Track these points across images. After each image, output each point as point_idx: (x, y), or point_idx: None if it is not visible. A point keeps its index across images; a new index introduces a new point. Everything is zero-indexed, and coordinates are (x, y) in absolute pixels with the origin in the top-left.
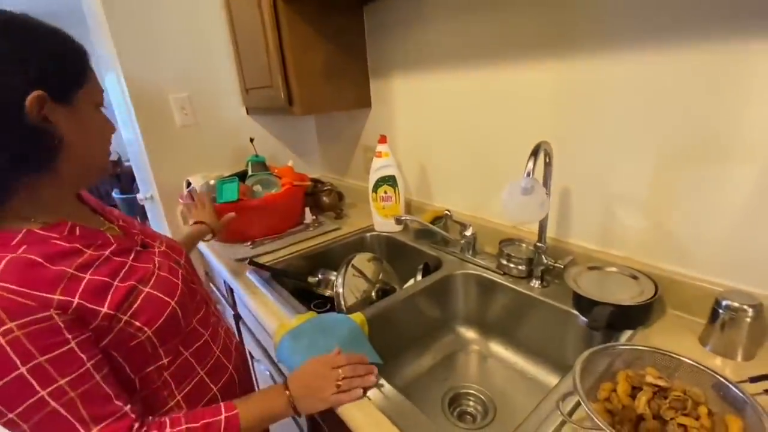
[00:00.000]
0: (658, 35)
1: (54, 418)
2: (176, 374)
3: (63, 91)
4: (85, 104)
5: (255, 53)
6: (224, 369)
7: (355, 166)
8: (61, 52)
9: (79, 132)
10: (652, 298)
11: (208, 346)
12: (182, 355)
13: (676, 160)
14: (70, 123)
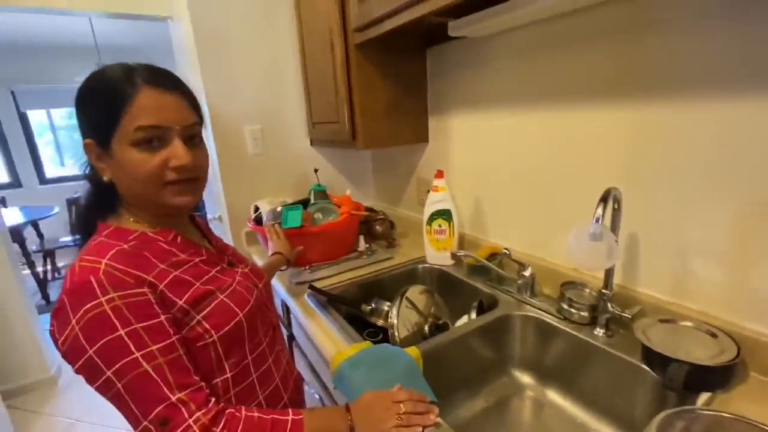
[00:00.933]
0: (741, 83)
1: (144, 379)
2: (240, 395)
3: (102, 138)
4: (120, 146)
5: (324, 91)
6: (280, 398)
7: (408, 197)
8: (94, 102)
9: (118, 172)
10: (735, 359)
11: (270, 372)
12: (248, 375)
13: (761, 212)
14: (113, 165)
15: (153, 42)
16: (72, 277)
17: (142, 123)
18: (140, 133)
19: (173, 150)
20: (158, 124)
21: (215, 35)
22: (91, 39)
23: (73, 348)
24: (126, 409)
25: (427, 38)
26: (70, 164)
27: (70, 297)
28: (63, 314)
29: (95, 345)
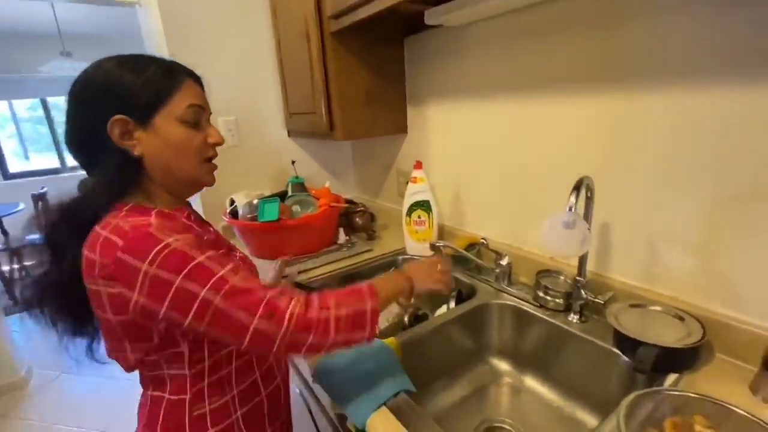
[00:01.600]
0: (712, 73)
1: (237, 290)
2: (240, 368)
3: (142, 116)
4: (166, 121)
5: (300, 81)
6: (273, 378)
7: (388, 188)
8: (140, 83)
9: (158, 145)
10: (701, 341)
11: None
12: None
13: (728, 200)
14: (150, 140)
15: (121, 29)
16: (126, 236)
17: (193, 102)
18: (191, 110)
19: (210, 130)
20: (202, 105)
21: (185, 22)
22: (54, 26)
23: (157, 286)
24: (227, 324)
25: (404, 27)
26: (35, 158)
27: (132, 250)
28: (128, 268)
29: (180, 273)
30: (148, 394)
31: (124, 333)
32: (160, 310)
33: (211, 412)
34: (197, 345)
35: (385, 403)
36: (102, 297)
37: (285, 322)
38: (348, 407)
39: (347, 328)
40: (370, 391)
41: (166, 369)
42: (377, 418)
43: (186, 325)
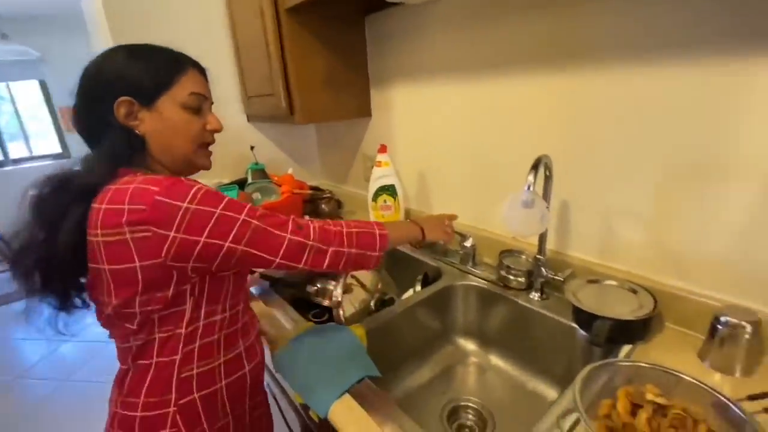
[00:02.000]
0: (661, 53)
1: (268, 214)
2: (227, 337)
3: (147, 98)
4: (169, 105)
5: (257, 62)
6: (255, 355)
7: (354, 174)
8: (148, 69)
9: (160, 127)
10: (652, 312)
11: (248, 328)
12: (238, 319)
13: (677, 176)
14: (153, 120)
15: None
16: (161, 183)
17: (195, 90)
18: (193, 97)
19: (210, 117)
20: (204, 94)
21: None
22: None
23: (198, 218)
24: (265, 239)
25: (364, 5)
26: None
27: (171, 193)
28: (167, 208)
29: (220, 204)
30: (135, 363)
31: (144, 280)
32: (199, 242)
33: (197, 376)
34: (198, 303)
35: (348, 390)
36: (127, 245)
37: (311, 233)
38: (309, 397)
39: (359, 245)
40: (333, 378)
41: (158, 333)
42: (340, 406)
43: (224, 250)
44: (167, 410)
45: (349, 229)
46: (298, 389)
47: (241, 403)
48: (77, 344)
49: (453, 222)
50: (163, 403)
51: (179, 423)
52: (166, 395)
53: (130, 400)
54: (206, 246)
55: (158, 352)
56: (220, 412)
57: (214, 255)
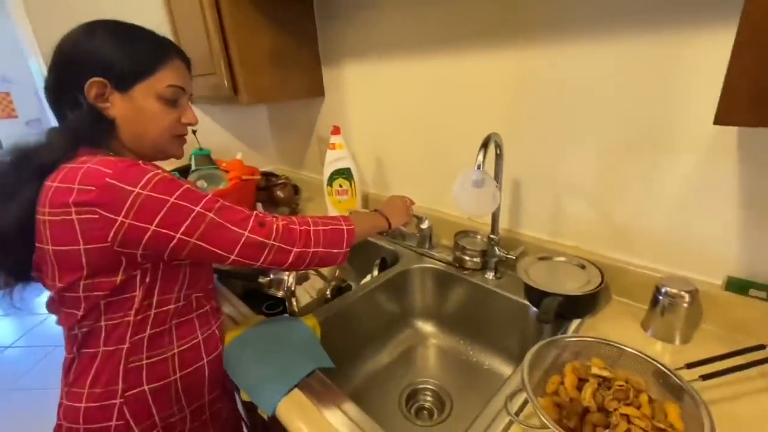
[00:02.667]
0: (605, 26)
1: (227, 207)
2: (181, 326)
3: (123, 82)
4: (144, 94)
5: (195, 37)
6: (216, 345)
7: (310, 157)
8: (127, 52)
9: (132, 114)
10: (598, 287)
11: (208, 317)
12: (195, 307)
13: (620, 151)
14: (126, 106)
15: None
16: (115, 166)
17: (174, 83)
18: (172, 89)
19: (185, 110)
20: (183, 87)
21: None
22: None
23: (149, 206)
24: (220, 234)
25: None
26: None
27: (123, 176)
28: (117, 192)
29: (175, 193)
30: (80, 352)
31: (89, 264)
32: (149, 228)
33: (147, 367)
34: (150, 291)
35: (297, 385)
36: (72, 225)
37: (274, 231)
38: (255, 394)
39: (326, 243)
40: (280, 374)
41: (104, 320)
42: (288, 402)
43: (174, 241)
44: (113, 401)
45: (315, 227)
46: (244, 387)
47: (199, 397)
48: (21, 350)
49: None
50: (109, 394)
51: (126, 415)
52: (111, 386)
53: (74, 390)
54: (156, 235)
55: (104, 340)
56: (174, 405)
57: (163, 245)
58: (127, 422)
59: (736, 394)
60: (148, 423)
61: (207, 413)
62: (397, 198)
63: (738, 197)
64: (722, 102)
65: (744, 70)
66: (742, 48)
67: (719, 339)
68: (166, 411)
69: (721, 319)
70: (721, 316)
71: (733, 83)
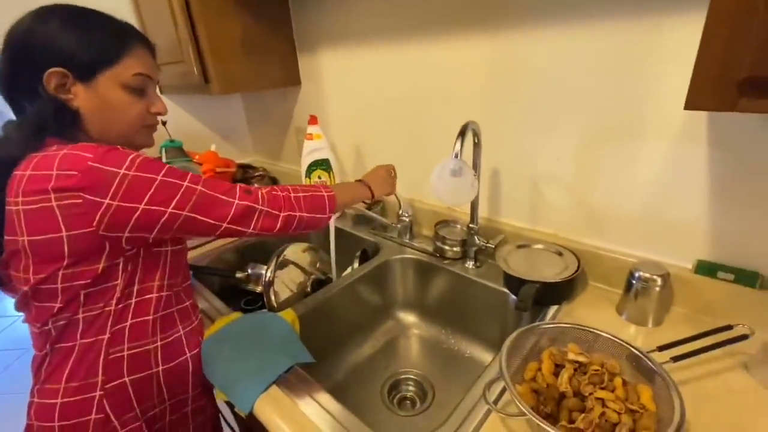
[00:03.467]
0: (578, 12)
1: (213, 179)
2: (164, 319)
3: (84, 72)
4: (109, 84)
5: (161, 23)
6: (198, 340)
7: (288, 149)
8: (87, 40)
9: (98, 105)
10: (575, 273)
11: (188, 312)
12: (175, 301)
13: (596, 138)
14: (90, 97)
15: None
16: (96, 150)
17: (139, 71)
18: (136, 78)
19: (154, 99)
20: (150, 75)
21: None
22: None
23: (137, 185)
24: (211, 204)
25: None
26: None
27: (106, 159)
28: (102, 175)
29: (161, 171)
30: (55, 347)
31: (71, 252)
32: (137, 209)
33: (129, 358)
34: (131, 279)
35: (275, 381)
36: (52, 212)
37: (260, 197)
38: (231, 393)
39: (310, 208)
40: (257, 371)
41: (83, 312)
42: (265, 399)
43: (165, 218)
44: (93, 394)
45: (296, 193)
46: (219, 386)
47: (182, 391)
48: None
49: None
50: (88, 387)
51: (106, 408)
52: (91, 378)
53: (47, 387)
54: (145, 213)
55: (82, 333)
56: (155, 398)
57: (153, 222)
58: (107, 416)
59: (704, 373)
60: (129, 416)
61: (189, 407)
62: (381, 168)
63: (707, 182)
64: (692, 87)
65: (712, 55)
66: (710, 33)
67: (689, 320)
68: (147, 403)
69: (692, 301)
70: (692, 298)
71: (702, 68)
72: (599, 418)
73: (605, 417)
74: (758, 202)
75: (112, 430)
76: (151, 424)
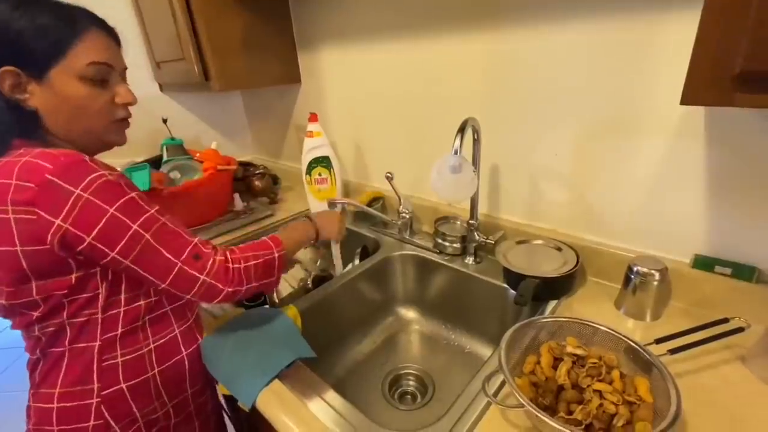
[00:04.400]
0: (576, 8)
1: (167, 228)
2: (156, 320)
3: (35, 68)
4: (63, 77)
5: (162, 21)
6: (194, 337)
7: (288, 146)
8: (34, 30)
9: (55, 102)
10: (574, 268)
11: (184, 309)
12: (167, 302)
13: (594, 134)
14: (46, 94)
15: None
16: (57, 161)
17: (96, 59)
18: (93, 68)
19: (119, 89)
20: (108, 63)
21: None
22: None
23: (88, 213)
24: (153, 259)
25: None
26: None
27: (65, 173)
28: (57, 191)
29: (115, 204)
30: (46, 352)
31: (29, 267)
32: (85, 239)
33: (123, 365)
34: (116, 288)
35: (277, 376)
36: (9, 224)
37: (209, 266)
38: (234, 387)
39: (258, 278)
40: (259, 365)
41: (68, 318)
42: (267, 394)
43: (108, 259)
44: (89, 401)
45: (248, 262)
46: (222, 380)
47: (181, 390)
48: None
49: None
50: (84, 394)
51: (105, 414)
52: (87, 384)
53: (43, 392)
54: (91, 247)
55: (71, 339)
56: (155, 400)
57: (97, 258)
58: (107, 421)
59: (701, 366)
60: (128, 420)
61: (191, 406)
62: (332, 213)
63: (705, 177)
64: (688, 82)
65: (708, 50)
66: (706, 29)
67: (687, 314)
68: (147, 407)
69: (689, 295)
70: (689, 292)
71: (698, 63)
72: (597, 409)
73: (603, 408)
74: (755, 196)
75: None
76: (152, 426)
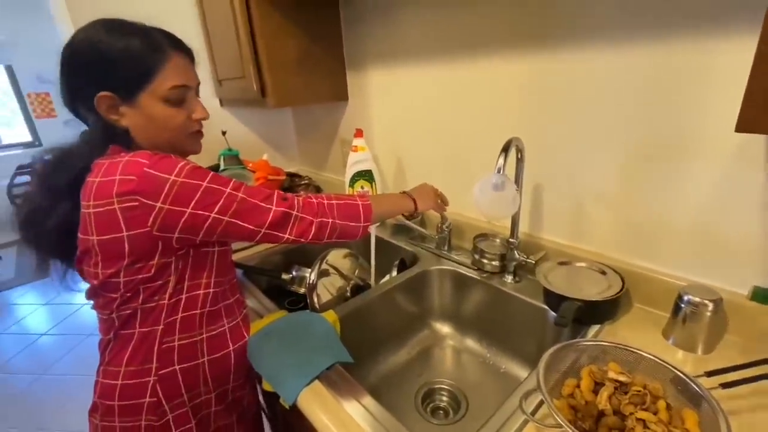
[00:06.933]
0: (628, 33)
1: (253, 188)
2: (210, 314)
3: (127, 93)
4: (150, 100)
5: (227, 43)
6: (241, 335)
7: (333, 160)
8: (124, 58)
9: (143, 122)
10: (619, 293)
11: (233, 309)
12: (221, 298)
13: (642, 156)
14: (135, 115)
15: None
16: (151, 157)
17: (176, 83)
18: (174, 91)
19: (194, 105)
20: (186, 84)
21: None
22: None
23: (184, 191)
24: (251, 210)
25: None
26: None
27: (159, 166)
28: (155, 180)
29: (206, 178)
30: (118, 334)
31: (130, 250)
32: (185, 212)
33: (179, 348)
34: (182, 276)
35: (318, 377)
36: (116, 214)
37: (296, 203)
38: (278, 384)
39: (343, 216)
40: (302, 365)
41: (141, 303)
42: (308, 393)
43: (208, 223)
44: (147, 379)
45: (330, 201)
46: (266, 377)
47: (224, 382)
48: (55, 337)
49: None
50: (144, 372)
51: (159, 392)
52: (147, 364)
53: (110, 369)
54: (192, 216)
55: (141, 322)
56: (201, 387)
57: (199, 226)
58: (159, 399)
59: (757, 405)
60: (178, 401)
61: (230, 397)
62: (428, 185)
63: (764, 206)
64: (743, 110)
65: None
66: (763, 59)
67: (744, 349)
68: (194, 390)
69: (747, 329)
70: (747, 326)
71: (754, 92)
72: None
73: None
74: None
75: (162, 413)
76: (197, 411)
